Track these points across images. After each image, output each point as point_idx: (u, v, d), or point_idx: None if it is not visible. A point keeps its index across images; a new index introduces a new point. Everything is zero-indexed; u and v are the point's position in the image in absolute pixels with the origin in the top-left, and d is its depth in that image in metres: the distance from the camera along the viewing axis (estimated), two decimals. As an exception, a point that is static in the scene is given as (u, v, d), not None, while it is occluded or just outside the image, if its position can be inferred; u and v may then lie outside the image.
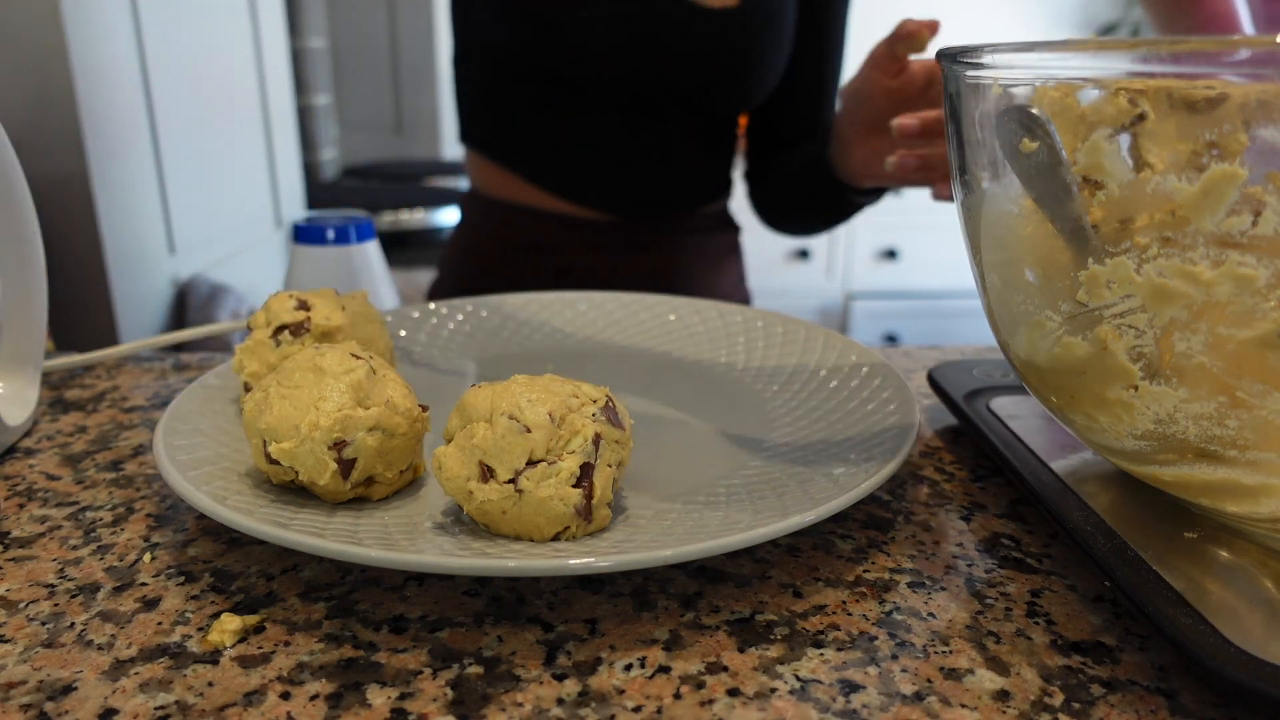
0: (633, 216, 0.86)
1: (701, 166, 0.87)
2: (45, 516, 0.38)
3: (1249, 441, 0.28)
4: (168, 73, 1.23)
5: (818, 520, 0.32)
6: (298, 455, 0.34)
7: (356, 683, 0.28)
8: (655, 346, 0.57)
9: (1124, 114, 0.28)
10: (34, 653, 0.29)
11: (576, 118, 0.81)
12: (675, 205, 0.87)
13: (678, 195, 0.87)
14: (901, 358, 0.61)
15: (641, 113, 0.81)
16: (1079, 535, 0.32)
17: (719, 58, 0.78)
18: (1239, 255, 0.26)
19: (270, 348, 0.43)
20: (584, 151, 0.83)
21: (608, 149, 0.82)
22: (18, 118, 1.01)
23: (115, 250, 1.10)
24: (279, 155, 1.66)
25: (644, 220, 0.86)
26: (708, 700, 0.27)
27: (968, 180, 0.36)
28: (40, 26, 0.98)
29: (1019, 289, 0.34)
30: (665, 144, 0.83)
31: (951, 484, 0.42)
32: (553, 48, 0.77)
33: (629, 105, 0.80)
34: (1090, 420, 0.33)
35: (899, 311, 2.65)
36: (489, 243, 0.88)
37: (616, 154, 0.83)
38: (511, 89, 0.82)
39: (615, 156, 0.83)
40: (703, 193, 0.89)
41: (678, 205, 0.87)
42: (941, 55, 0.35)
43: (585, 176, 0.84)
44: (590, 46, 0.76)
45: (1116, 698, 0.27)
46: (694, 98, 0.81)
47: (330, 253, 0.64)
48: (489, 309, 0.59)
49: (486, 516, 0.32)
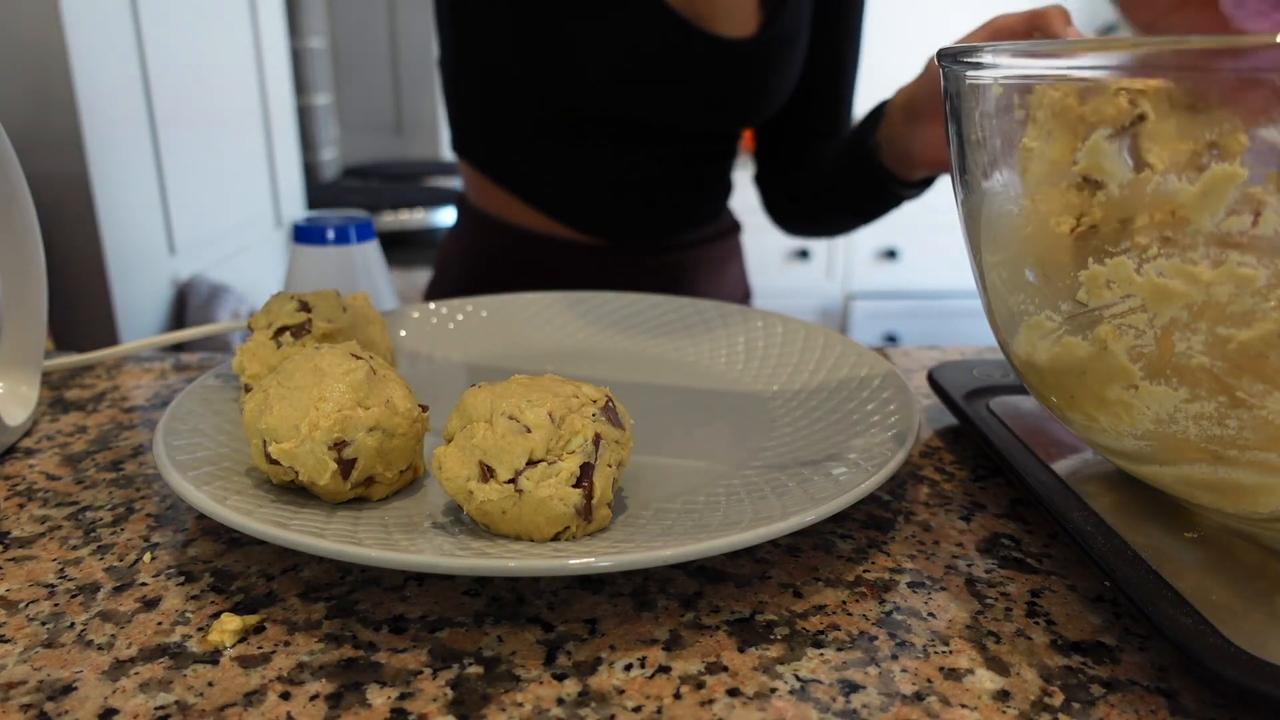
0: (630, 241, 0.83)
1: (702, 186, 0.85)
2: (45, 516, 0.38)
3: (1249, 441, 0.28)
4: (168, 73, 1.23)
5: (818, 520, 0.32)
6: (298, 455, 0.34)
7: (356, 683, 0.28)
8: (655, 346, 0.57)
9: (1124, 114, 0.28)
10: (34, 653, 0.29)
11: (577, 144, 0.78)
12: (675, 229, 0.85)
13: (678, 218, 0.85)
14: (901, 358, 0.61)
15: (646, 138, 0.78)
16: (1079, 535, 0.32)
17: (735, 87, 0.76)
18: (1239, 255, 0.26)
19: (271, 349, 0.43)
20: (583, 177, 0.80)
21: (608, 175, 0.80)
22: (18, 118, 1.01)
23: (115, 250, 1.10)
24: (279, 155, 1.67)
25: (641, 244, 0.84)
26: (708, 700, 0.27)
27: (968, 180, 0.36)
28: (40, 26, 0.98)
29: (1019, 289, 0.34)
30: (666, 169, 0.81)
31: (951, 484, 0.42)
32: (561, 79, 0.74)
33: (635, 132, 0.78)
34: (1090, 420, 0.33)
35: (899, 311, 2.65)
36: (482, 256, 0.86)
37: (616, 180, 0.80)
38: (508, 110, 0.79)
39: (615, 183, 0.80)
40: (703, 212, 0.86)
41: (678, 228, 0.85)
42: (942, 55, 0.35)
43: (583, 201, 0.81)
44: (601, 79, 0.73)
45: (1116, 698, 0.27)
46: (705, 124, 0.79)
47: (330, 253, 0.64)
48: (489, 309, 0.59)
49: (486, 516, 0.32)
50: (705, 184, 0.85)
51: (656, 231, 0.84)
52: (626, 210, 0.82)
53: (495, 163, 0.83)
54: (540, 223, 0.83)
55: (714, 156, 0.84)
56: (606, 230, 0.83)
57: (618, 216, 0.82)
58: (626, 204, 0.82)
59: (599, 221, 0.82)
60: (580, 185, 0.81)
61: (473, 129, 0.85)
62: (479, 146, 0.85)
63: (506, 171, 0.83)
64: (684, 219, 0.85)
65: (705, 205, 0.87)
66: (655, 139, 0.79)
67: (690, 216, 0.86)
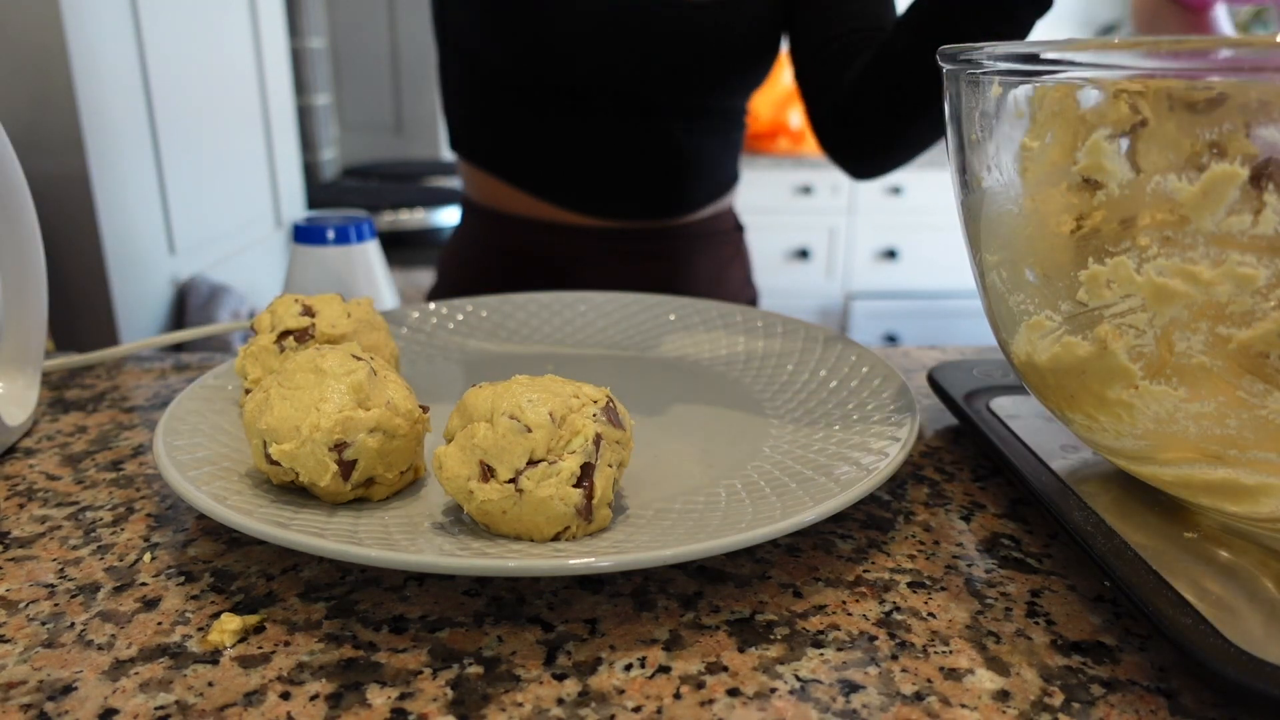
0: (633, 220, 0.83)
1: (703, 163, 0.83)
2: (45, 516, 0.38)
3: (1249, 441, 0.28)
4: (168, 73, 1.23)
5: (818, 520, 0.32)
6: (298, 457, 0.34)
7: (356, 683, 0.28)
8: (655, 347, 0.57)
9: (1125, 120, 0.28)
10: (34, 653, 0.29)
11: (567, 122, 0.79)
12: (677, 206, 0.84)
13: (679, 195, 0.84)
14: (901, 358, 0.61)
15: (635, 112, 0.79)
16: (1079, 535, 0.32)
17: (704, 51, 0.75)
18: (1239, 255, 0.26)
19: (274, 353, 0.43)
20: (578, 156, 0.80)
21: (602, 152, 0.80)
22: (18, 118, 1.01)
23: (115, 250, 1.10)
24: (279, 155, 1.66)
25: (645, 225, 0.83)
26: (708, 700, 0.27)
27: (968, 180, 0.36)
28: (40, 26, 0.98)
29: (1019, 289, 0.34)
30: (662, 143, 0.80)
31: (951, 484, 0.42)
32: (533, 56, 0.75)
33: (622, 106, 0.78)
34: (1090, 420, 0.33)
35: (899, 311, 2.65)
36: (486, 251, 0.87)
37: (612, 157, 0.80)
38: (497, 96, 0.80)
39: (611, 159, 0.80)
40: (705, 191, 0.85)
41: (680, 206, 0.84)
42: (942, 55, 0.35)
43: (581, 182, 0.81)
44: (570, 51, 0.74)
45: (1116, 698, 0.27)
46: (686, 93, 0.78)
47: (330, 253, 0.64)
48: (489, 309, 0.59)
49: (487, 516, 0.32)
50: (707, 159, 0.83)
51: (659, 207, 0.83)
52: (625, 186, 0.82)
53: (488, 153, 0.84)
54: (542, 210, 0.83)
55: (713, 132, 0.83)
56: (607, 209, 0.82)
57: (617, 193, 0.82)
58: (625, 179, 0.81)
59: (599, 200, 0.82)
60: (577, 164, 0.81)
61: (464, 122, 0.86)
62: (472, 139, 0.86)
63: (503, 160, 0.83)
64: (686, 195, 0.84)
65: (708, 183, 0.85)
66: (648, 113, 0.79)
67: (693, 193, 0.84)
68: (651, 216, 0.84)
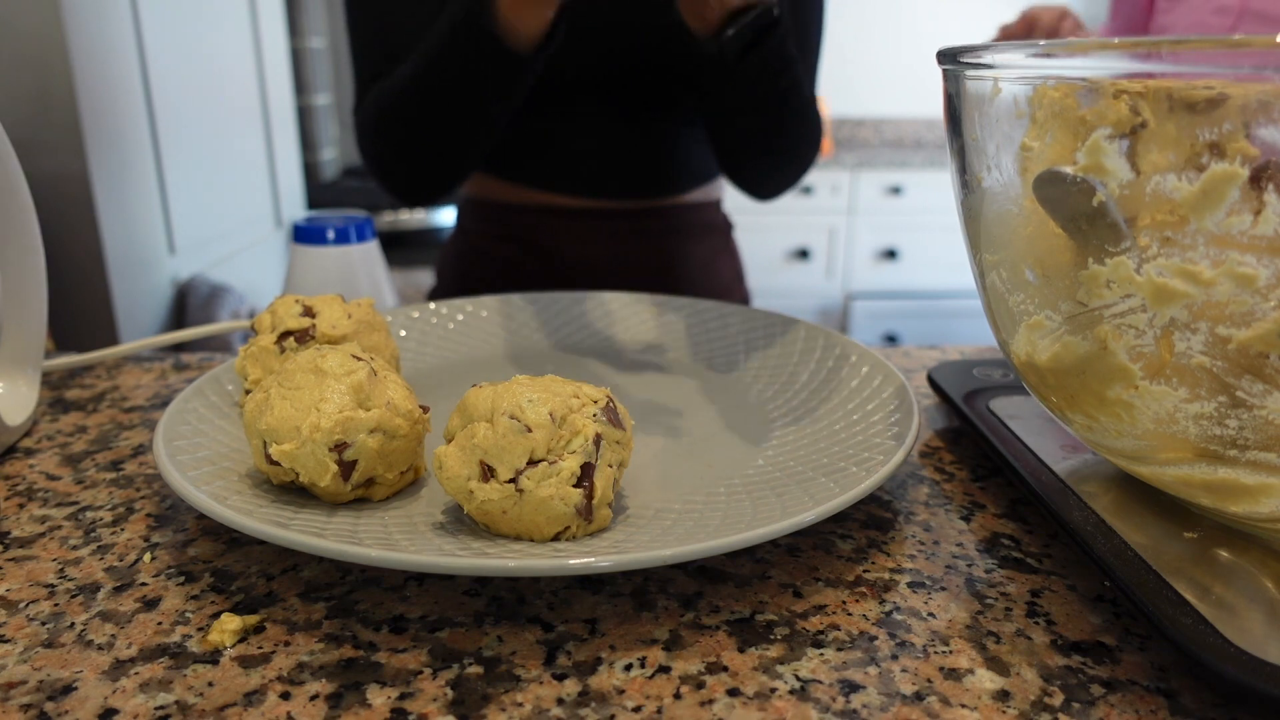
0: (621, 200, 0.86)
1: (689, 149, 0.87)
2: (45, 516, 0.38)
3: (1249, 441, 0.28)
4: (168, 73, 1.23)
5: (818, 520, 0.32)
6: (298, 457, 0.34)
7: (356, 683, 0.28)
8: (655, 346, 0.57)
9: (1125, 121, 0.28)
10: (34, 653, 0.29)
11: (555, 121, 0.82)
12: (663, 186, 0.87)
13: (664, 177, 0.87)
14: (901, 358, 0.61)
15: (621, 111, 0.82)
16: (1079, 535, 0.32)
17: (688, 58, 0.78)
18: (1239, 255, 0.26)
19: (274, 354, 0.43)
20: (564, 147, 0.83)
21: (588, 144, 0.83)
22: (18, 118, 1.01)
23: (115, 250, 1.10)
24: (279, 155, 1.67)
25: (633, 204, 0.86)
26: (708, 700, 0.27)
27: (968, 180, 0.36)
28: (40, 26, 0.98)
29: (1019, 289, 0.34)
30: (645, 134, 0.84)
31: (951, 484, 0.42)
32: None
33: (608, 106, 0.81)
34: (1090, 420, 0.33)
35: (899, 311, 2.65)
36: (482, 242, 0.89)
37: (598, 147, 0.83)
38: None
39: (597, 150, 0.83)
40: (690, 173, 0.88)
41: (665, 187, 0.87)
42: (942, 55, 0.35)
43: (568, 169, 0.84)
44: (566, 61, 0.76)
45: (1116, 698, 0.27)
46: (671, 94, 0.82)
47: (330, 253, 0.64)
48: (489, 309, 0.59)
49: (487, 516, 0.32)
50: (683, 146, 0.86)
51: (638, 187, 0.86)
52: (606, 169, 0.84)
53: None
54: (529, 195, 0.86)
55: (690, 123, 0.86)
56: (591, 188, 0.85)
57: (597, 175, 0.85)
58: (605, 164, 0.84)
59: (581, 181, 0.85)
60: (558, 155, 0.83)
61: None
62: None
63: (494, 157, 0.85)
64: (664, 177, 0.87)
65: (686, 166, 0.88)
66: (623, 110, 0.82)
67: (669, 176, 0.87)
68: (638, 195, 0.86)
